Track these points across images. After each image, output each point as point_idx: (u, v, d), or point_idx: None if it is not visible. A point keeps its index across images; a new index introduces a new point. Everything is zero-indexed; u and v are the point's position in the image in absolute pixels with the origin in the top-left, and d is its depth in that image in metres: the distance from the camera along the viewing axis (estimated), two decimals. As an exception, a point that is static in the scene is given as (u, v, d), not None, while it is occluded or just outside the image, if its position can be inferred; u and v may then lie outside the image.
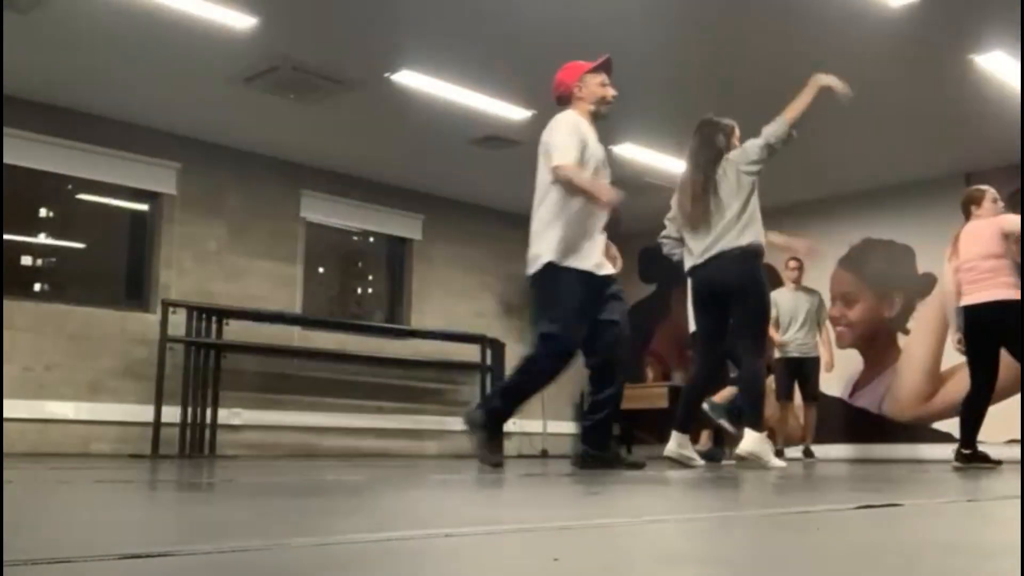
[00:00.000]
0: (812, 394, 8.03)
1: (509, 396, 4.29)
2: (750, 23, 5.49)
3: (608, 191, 4.15)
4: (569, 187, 4.13)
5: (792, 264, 8.08)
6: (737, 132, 4.91)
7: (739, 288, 4.60)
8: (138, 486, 2.69)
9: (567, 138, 4.17)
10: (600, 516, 1.73)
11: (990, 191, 5.54)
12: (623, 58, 5.97)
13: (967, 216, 5.54)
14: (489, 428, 4.18)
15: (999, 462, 5.42)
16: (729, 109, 6.66)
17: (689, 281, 4.96)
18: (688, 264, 4.80)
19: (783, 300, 8.04)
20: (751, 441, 4.65)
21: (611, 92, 4.38)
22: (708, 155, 4.76)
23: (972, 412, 5.41)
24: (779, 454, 8.03)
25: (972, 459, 5.33)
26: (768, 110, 6.88)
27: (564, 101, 4.40)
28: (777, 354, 8.06)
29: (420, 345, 8.42)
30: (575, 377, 10.78)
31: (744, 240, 4.59)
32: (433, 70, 6.20)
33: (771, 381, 8.44)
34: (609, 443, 4.50)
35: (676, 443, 4.81)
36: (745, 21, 5.47)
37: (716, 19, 5.45)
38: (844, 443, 8.60)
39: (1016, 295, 5.18)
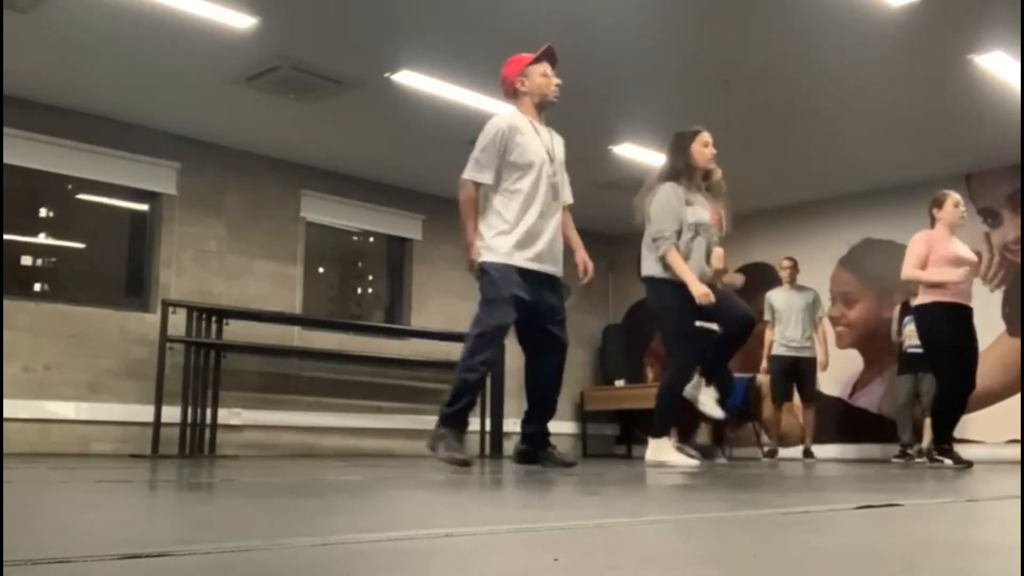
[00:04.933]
0: (810, 394, 8.03)
1: None
2: (751, 23, 5.49)
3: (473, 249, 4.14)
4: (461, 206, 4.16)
5: (785, 264, 8.13)
6: (701, 138, 4.80)
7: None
8: (138, 486, 2.69)
9: (480, 153, 4.13)
10: (600, 516, 1.73)
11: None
12: (624, 58, 6.00)
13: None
14: None
15: (970, 463, 5.46)
16: (728, 109, 6.68)
17: None
18: None
19: (776, 299, 8.07)
20: (649, 450, 4.78)
21: (554, 83, 4.31)
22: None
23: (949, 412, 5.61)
24: (772, 453, 8.05)
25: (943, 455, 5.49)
26: (767, 110, 6.92)
27: (511, 96, 4.37)
28: (771, 352, 8.08)
29: (420, 345, 8.42)
30: (575, 377, 10.73)
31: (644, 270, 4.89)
32: (433, 70, 6.20)
33: (768, 382, 8.46)
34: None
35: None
36: (746, 21, 5.47)
37: (716, 19, 5.46)
38: (844, 443, 8.60)
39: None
